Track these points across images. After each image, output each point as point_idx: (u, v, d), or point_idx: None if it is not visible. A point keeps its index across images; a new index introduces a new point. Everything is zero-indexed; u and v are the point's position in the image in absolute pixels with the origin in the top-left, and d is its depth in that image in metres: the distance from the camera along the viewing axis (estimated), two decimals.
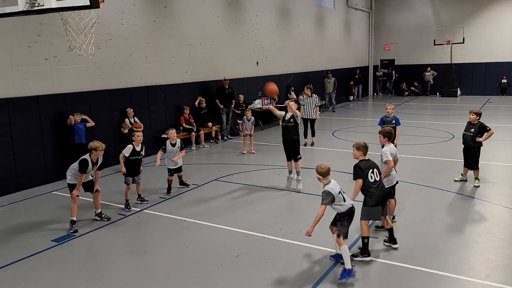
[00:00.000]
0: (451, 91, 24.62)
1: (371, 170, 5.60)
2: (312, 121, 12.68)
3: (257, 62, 16.79)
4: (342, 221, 5.28)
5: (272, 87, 8.47)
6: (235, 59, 15.49)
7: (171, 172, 8.52)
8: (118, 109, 11.19)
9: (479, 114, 8.51)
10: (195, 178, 9.52)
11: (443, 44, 24.52)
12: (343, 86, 23.31)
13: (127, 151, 7.62)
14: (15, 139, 8.95)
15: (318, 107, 12.70)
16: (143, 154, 7.89)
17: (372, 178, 5.58)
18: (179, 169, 8.69)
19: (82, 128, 9.76)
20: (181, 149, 8.53)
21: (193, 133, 12.87)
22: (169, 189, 8.56)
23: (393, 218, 6.67)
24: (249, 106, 15.64)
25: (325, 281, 5.07)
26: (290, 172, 8.59)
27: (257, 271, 5.38)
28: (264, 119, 16.84)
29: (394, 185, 6.46)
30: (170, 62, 12.78)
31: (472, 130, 8.48)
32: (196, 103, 13.49)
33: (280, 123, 8.59)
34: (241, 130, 12.13)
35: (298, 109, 9.04)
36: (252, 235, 6.43)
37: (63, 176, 9.78)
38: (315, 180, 5.59)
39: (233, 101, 14.35)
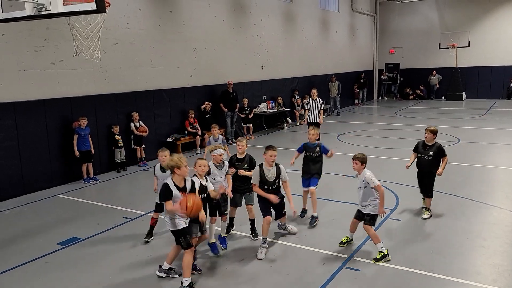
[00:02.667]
0: (457, 95, 24.52)
1: None
2: (317, 125, 12.48)
3: (262, 66, 16.83)
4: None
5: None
6: (240, 63, 15.54)
7: None
8: (123, 113, 11.25)
9: (435, 133, 6.97)
10: None
11: (448, 48, 24.46)
12: (348, 90, 23.30)
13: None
14: (21, 142, 9.02)
15: (322, 111, 12.46)
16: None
17: None
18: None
19: (85, 135, 9.81)
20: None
21: (198, 136, 12.91)
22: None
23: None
24: (253, 110, 15.70)
25: (330, 286, 5.05)
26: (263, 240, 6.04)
27: (262, 275, 5.38)
28: (270, 123, 16.85)
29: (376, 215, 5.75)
30: (175, 66, 12.84)
31: (431, 153, 6.97)
32: (203, 107, 13.54)
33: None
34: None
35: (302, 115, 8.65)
36: (257, 239, 6.42)
37: (69, 180, 9.90)
38: (322, 184, 5.57)
39: (237, 104, 14.38)
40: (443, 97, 25.21)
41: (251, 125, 15.33)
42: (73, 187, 9.62)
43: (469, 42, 24.04)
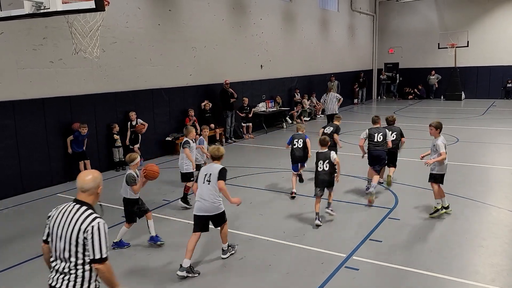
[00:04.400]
0: (455, 94, 24.54)
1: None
2: (334, 116, 12.86)
3: (261, 66, 16.82)
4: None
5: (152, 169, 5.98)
6: (239, 62, 15.53)
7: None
8: (122, 112, 11.24)
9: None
10: None
11: (447, 48, 24.47)
12: (347, 89, 23.30)
13: None
14: (20, 141, 9.01)
15: (338, 102, 14.03)
16: None
17: None
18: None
19: (82, 140, 9.85)
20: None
21: (196, 136, 12.87)
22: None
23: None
24: (253, 110, 15.69)
25: (329, 285, 5.05)
26: None
27: (261, 274, 5.38)
28: (269, 122, 16.85)
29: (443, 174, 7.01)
30: (175, 65, 12.83)
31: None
32: (202, 105, 13.53)
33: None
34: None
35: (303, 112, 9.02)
36: (255, 238, 6.43)
37: (68, 178, 9.89)
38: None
39: (234, 100, 14.28)
40: (442, 97, 25.22)
41: (250, 124, 15.32)
42: (72, 186, 9.58)
43: (468, 42, 24.05)
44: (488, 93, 24.56)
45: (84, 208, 3.11)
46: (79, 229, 3.02)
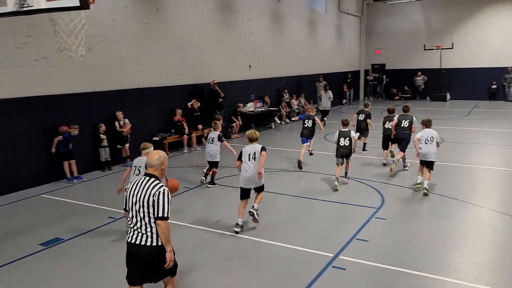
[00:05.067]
0: (441, 95, 24.85)
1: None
2: (327, 112, 16.66)
3: (249, 65, 16.82)
4: None
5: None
6: (227, 62, 15.50)
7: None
8: (109, 112, 11.12)
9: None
10: (187, 182, 9.48)
11: (433, 49, 24.78)
12: (336, 90, 23.43)
13: None
14: (3, 141, 8.85)
15: (330, 100, 16.73)
16: None
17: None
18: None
19: (70, 141, 9.73)
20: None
21: (185, 136, 12.84)
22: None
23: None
24: (241, 111, 15.69)
25: (316, 285, 5.07)
26: None
27: (249, 274, 5.38)
28: (258, 122, 16.85)
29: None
30: (162, 64, 12.75)
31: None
32: (189, 104, 13.47)
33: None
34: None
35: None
36: (244, 238, 6.42)
37: (52, 179, 9.74)
38: (307, 183, 5.59)
39: (222, 100, 14.24)
40: (428, 98, 25.52)
41: (239, 122, 15.41)
42: (57, 186, 9.48)
43: (452, 44, 24.38)
44: (473, 94, 24.92)
45: (153, 179, 3.93)
46: (150, 194, 3.83)
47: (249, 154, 6.61)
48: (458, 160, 10.92)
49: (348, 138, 8.74)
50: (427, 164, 8.31)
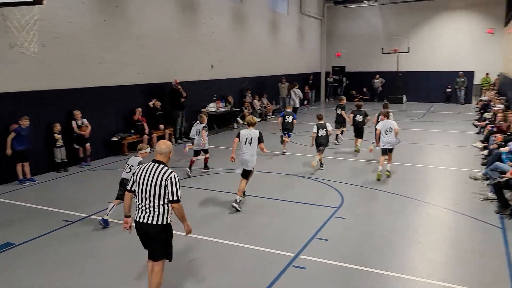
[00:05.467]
0: (398, 98, 25.78)
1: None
2: (295, 110, 17.59)
3: (212, 65, 16.72)
4: None
5: None
6: (189, 61, 15.33)
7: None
8: (65, 110, 10.71)
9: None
10: None
11: (390, 53, 25.68)
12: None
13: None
14: None
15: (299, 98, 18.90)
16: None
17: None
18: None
19: (25, 135, 9.26)
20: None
21: (145, 136, 12.57)
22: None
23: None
24: (202, 110, 15.55)
25: (277, 285, 5.11)
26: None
27: (210, 276, 5.34)
28: (220, 122, 16.78)
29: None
30: (122, 63, 12.43)
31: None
32: (151, 103, 13.22)
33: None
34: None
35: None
36: (205, 239, 6.37)
37: (2, 181, 9.26)
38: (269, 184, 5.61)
39: (184, 100, 14.08)
40: (385, 100, 26.37)
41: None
42: (7, 188, 9.01)
43: (408, 48, 25.38)
44: (428, 97, 26.01)
45: (162, 165, 4.42)
46: (162, 179, 4.31)
47: (246, 139, 7.57)
48: (413, 161, 11.36)
49: (325, 129, 10.19)
50: (389, 151, 9.72)
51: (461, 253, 5.99)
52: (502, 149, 9.02)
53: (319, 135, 10.20)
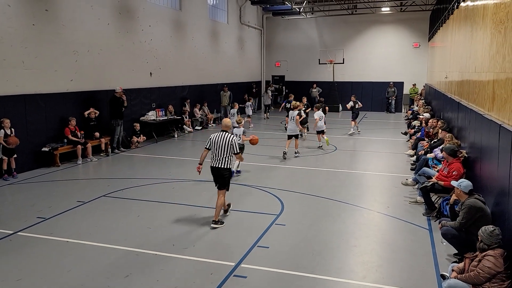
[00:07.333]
0: (334, 106, 26.85)
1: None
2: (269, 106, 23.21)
3: (150, 73, 16.37)
4: None
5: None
6: (127, 68, 14.90)
7: None
8: None
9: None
10: (81, 195, 8.84)
11: (326, 64, 26.74)
12: (239, 100, 23.89)
13: None
14: None
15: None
16: None
17: None
18: None
19: None
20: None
21: (79, 146, 11.99)
22: None
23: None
24: (141, 118, 15.14)
25: None
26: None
27: None
28: (160, 131, 16.43)
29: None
30: (53, 69, 11.79)
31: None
32: (86, 113, 12.65)
33: None
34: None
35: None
36: (143, 253, 6.17)
37: None
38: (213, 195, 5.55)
39: (124, 108, 13.66)
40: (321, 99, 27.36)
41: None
42: None
43: (343, 59, 26.61)
44: (363, 106, 27.23)
45: (227, 133, 7.28)
46: (228, 140, 7.17)
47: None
48: (349, 167, 11.86)
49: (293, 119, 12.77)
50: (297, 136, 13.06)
51: (393, 254, 6.32)
52: (429, 155, 9.71)
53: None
